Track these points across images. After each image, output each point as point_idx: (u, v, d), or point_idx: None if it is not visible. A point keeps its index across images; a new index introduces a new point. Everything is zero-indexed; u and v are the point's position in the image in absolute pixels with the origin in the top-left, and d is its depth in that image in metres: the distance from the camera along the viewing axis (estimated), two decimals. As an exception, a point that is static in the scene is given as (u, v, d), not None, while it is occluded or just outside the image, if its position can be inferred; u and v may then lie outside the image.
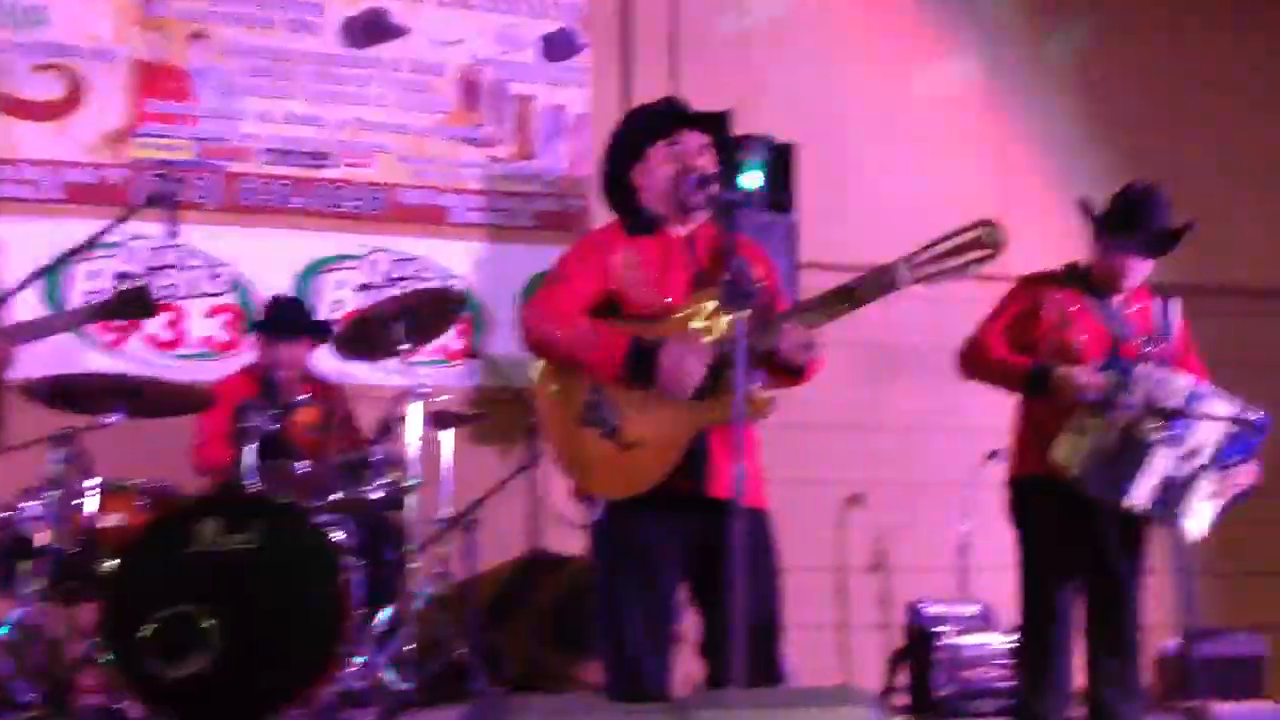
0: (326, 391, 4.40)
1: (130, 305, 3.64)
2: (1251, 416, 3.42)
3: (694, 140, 2.94)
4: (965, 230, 2.69)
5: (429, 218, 5.18)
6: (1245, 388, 3.81)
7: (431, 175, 5.20)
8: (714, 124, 3.01)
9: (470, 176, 5.24)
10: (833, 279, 2.88)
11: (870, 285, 2.72)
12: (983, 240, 2.67)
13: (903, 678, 4.63)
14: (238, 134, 5.02)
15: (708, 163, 2.93)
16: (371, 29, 5.17)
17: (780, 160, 5.03)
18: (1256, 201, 5.93)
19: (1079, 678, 3.64)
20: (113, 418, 3.77)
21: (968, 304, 5.34)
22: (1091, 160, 5.56)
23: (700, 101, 3.09)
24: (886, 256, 2.81)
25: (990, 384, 3.71)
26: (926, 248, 2.70)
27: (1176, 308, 3.67)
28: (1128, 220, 3.58)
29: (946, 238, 2.69)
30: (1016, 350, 3.63)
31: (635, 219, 2.97)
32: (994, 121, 5.83)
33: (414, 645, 3.81)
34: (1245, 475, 3.47)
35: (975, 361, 3.68)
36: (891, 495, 5.42)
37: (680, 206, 2.92)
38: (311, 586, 3.54)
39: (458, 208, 5.22)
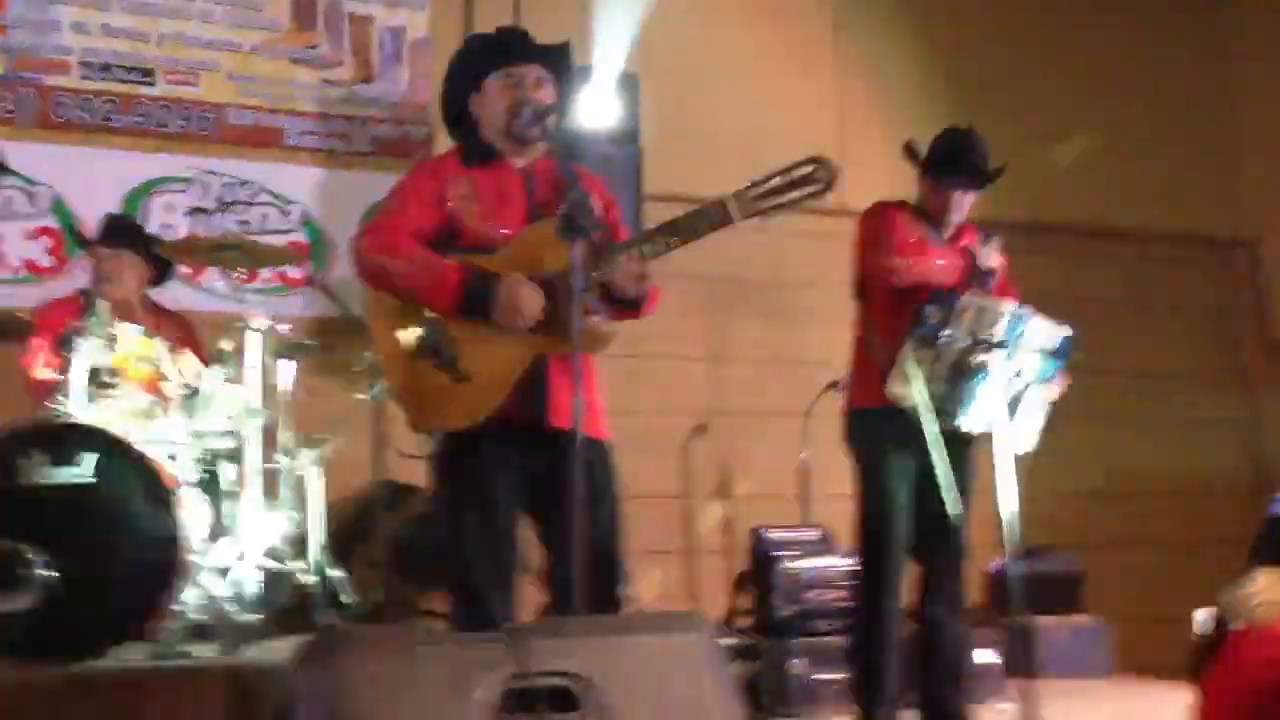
0: (161, 319, 4.22)
1: None
2: (1064, 333, 3.60)
3: (532, 72, 2.92)
4: (797, 166, 2.73)
5: (261, 139, 4.98)
6: (1089, 324, 4.00)
7: (263, 96, 4.99)
8: (553, 56, 2.97)
9: (305, 98, 5.05)
10: (678, 211, 2.90)
11: (702, 219, 2.75)
12: (814, 175, 2.71)
13: (746, 601, 4.75)
14: (51, 45, 4.72)
15: (545, 95, 2.91)
16: (201, -64, 4.92)
17: (625, 92, 4.99)
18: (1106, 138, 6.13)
19: (910, 597, 3.81)
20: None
21: (808, 238, 5.50)
22: (927, 101, 5.68)
23: (543, 29, 3.05)
24: (726, 188, 2.86)
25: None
26: (758, 183, 2.74)
27: (996, 243, 3.82)
28: (950, 158, 3.75)
29: (778, 173, 2.74)
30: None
31: (471, 149, 2.94)
32: (836, 57, 5.88)
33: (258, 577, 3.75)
34: (1059, 386, 3.65)
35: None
36: (735, 425, 5.51)
37: (517, 138, 2.90)
38: (145, 519, 3.41)
39: (292, 130, 5.03)
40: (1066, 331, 3.62)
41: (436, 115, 5.11)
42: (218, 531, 3.84)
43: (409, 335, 2.76)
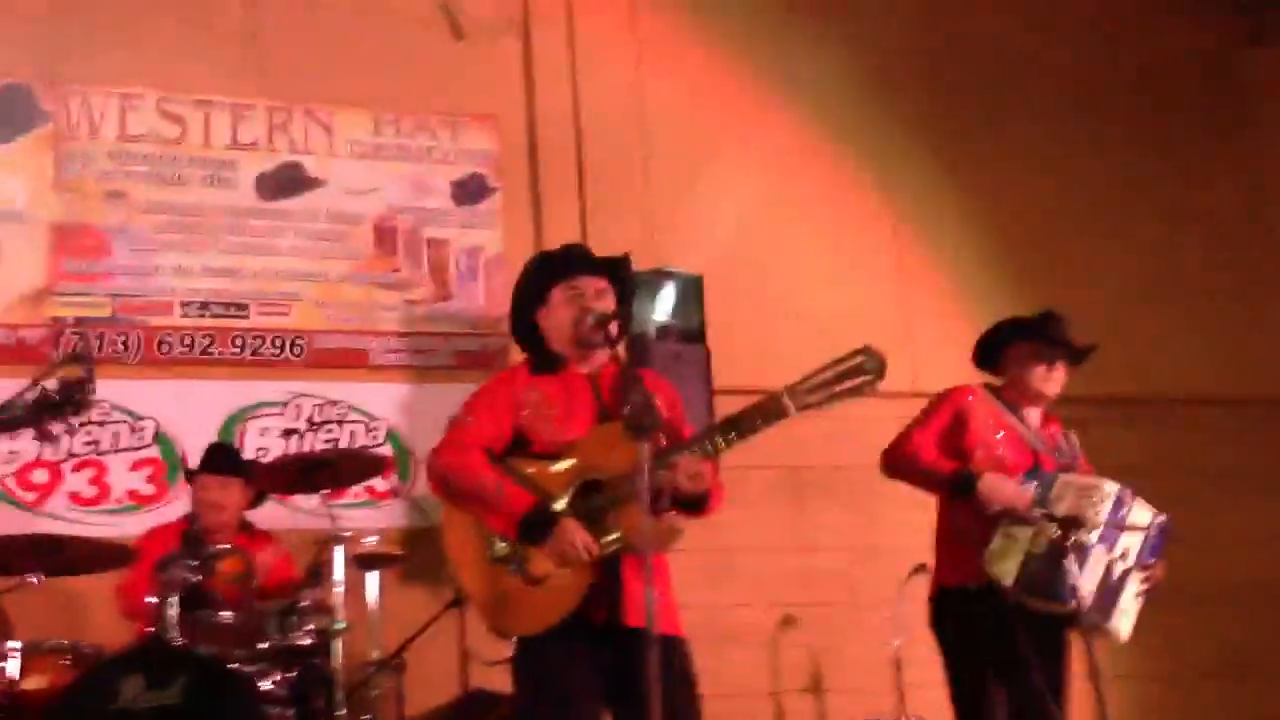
0: (255, 539, 4.37)
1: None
2: (1162, 519, 3.56)
3: (591, 283, 3.09)
4: (847, 358, 2.81)
5: (348, 361, 5.23)
6: (1177, 496, 3.95)
7: (349, 319, 5.27)
8: (612, 267, 3.15)
9: (388, 319, 5.32)
10: (745, 404, 2.98)
11: (758, 414, 2.83)
12: (863, 366, 2.79)
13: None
14: (155, 288, 5.07)
15: (606, 303, 3.07)
16: (286, 183, 5.29)
17: (690, 292, 5.18)
18: (1156, 315, 6.14)
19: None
20: (33, 578, 3.73)
21: (886, 424, 5.52)
22: (989, 276, 5.78)
23: (609, 235, 3.24)
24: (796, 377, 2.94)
25: (914, 484, 3.76)
26: (810, 376, 2.82)
27: (1075, 438, 3.81)
28: (1046, 331, 3.76)
29: (829, 366, 2.82)
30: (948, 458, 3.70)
31: (541, 359, 3.09)
32: (894, 237, 6.02)
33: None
34: (1159, 572, 3.59)
35: (902, 462, 3.73)
36: (823, 615, 5.44)
37: (581, 346, 3.05)
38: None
39: (377, 350, 5.28)
40: (1163, 517, 3.58)
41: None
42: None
43: (482, 542, 2.85)
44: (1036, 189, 6.21)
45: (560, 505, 2.88)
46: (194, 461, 4.55)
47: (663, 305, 5.07)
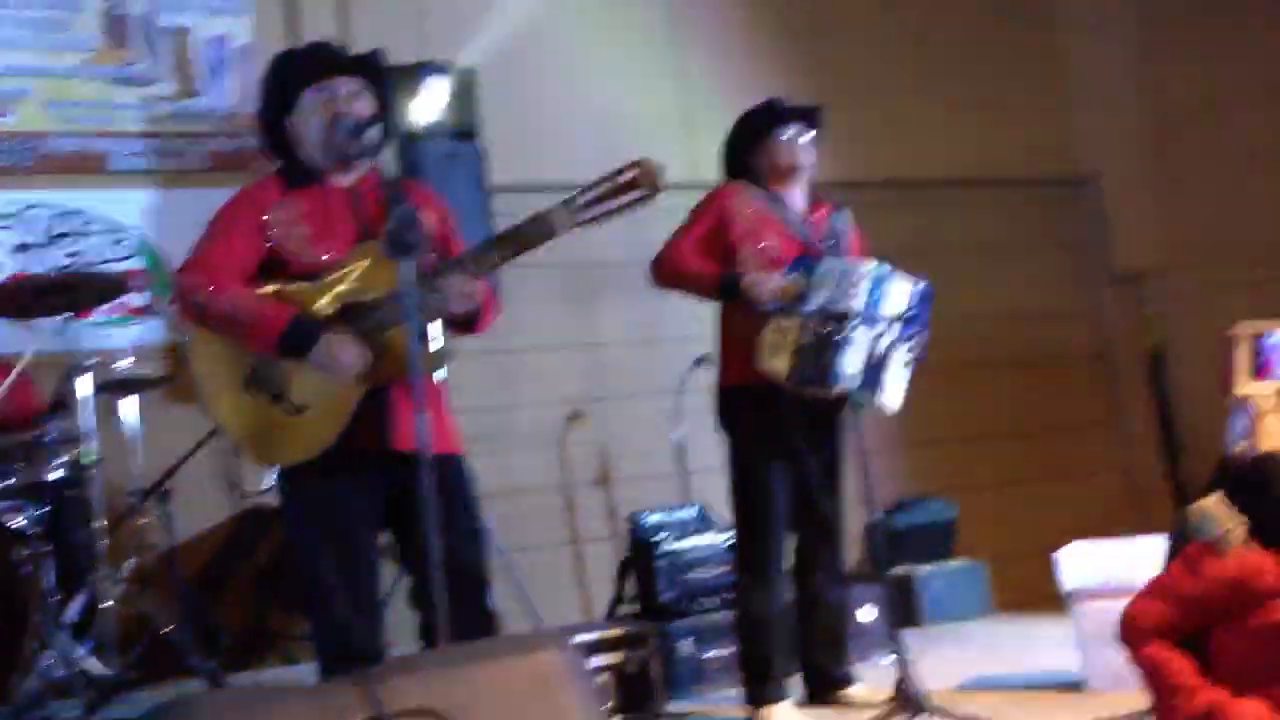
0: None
1: None
2: (922, 285, 3.66)
3: (345, 85, 2.83)
4: (621, 171, 2.71)
5: (86, 166, 4.75)
6: (943, 273, 4.07)
7: (83, 120, 4.77)
8: (367, 65, 2.89)
9: (128, 119, 4.84)
10: (524, 201, 2.85)
11: (530, 232, 2.71)
12: (638, 181, 2.70)
13: (631, 586, 4.75)
14: None
15: (362, 107, 2.83)
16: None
17: (462, 86, 4.90)
18: (926, 99, 6.24)
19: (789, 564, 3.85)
20: None
21: (667, 215, 5.48)
22: (765, 67, 5.70)
23: (375, 28, 2.98)
24: (575, 175, 2.82)
25: (685, 293, 3.83)
26: (584, 191, 2.72)
27: (847, 215, 3.86)
28: (774, 107, 3.86)
29: (603, 180, 2.72)
30: (716, 259, 3.74)
31: (293, 171, 2.85)
32: (672, 33, 5.87)
33: (113, 627, 3.61)
34: (923, 340, 3.70)
35: (668, 273, 3.80)
36: (609, 410, 5.49)
37: (337, 156, 2.82)
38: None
39: (118, 153, 4.82)
40: (923, 284, 3.67)
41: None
42: (70, 583, 3.69)
43: (238, 368, 2.69)
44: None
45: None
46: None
47: (433, 101, 4.77)
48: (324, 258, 2.75)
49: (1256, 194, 6.21)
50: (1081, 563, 3.83)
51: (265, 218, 2.77)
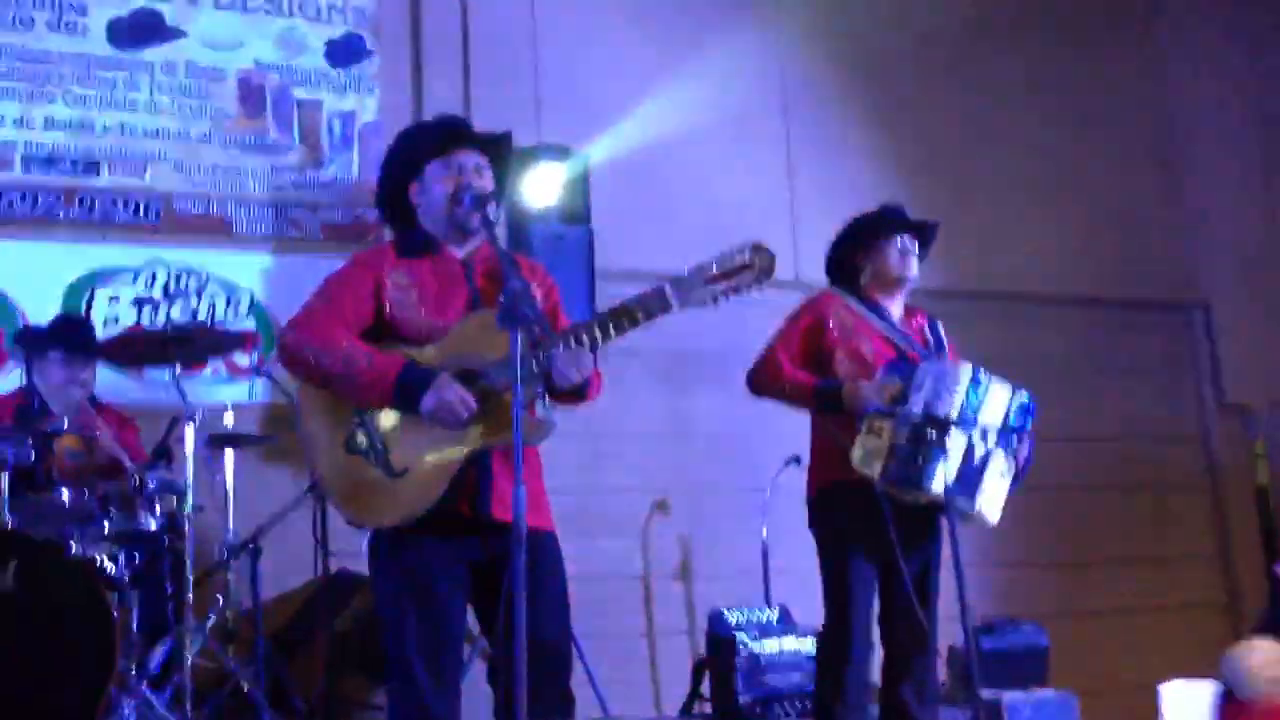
0: (100, 414, 4.13)
1: None
2: (1021, 396, 3.57)
3: (470, 158, 2.88)
4: (735, 253, 2.71)
5: (209, 228, 4.92)
6: (1046, 391, 3.99)
7: (211, 183, 4.94)
8: (493, 143, 2.94)
9: (254, 185, 5.01)
10: (629, 288, 2.86)
11: (639, 308, 2.72)
12: (751, 263, 2.70)
13: (706, 685, 4.65)
14: (-5, 140, 4.68)
15: (484, 182, 2.88)
16: (142, 31, 4.89)
17: (576, 172, 4.99)
18: (1040, 214, 6.18)
19: (877, 678, 3.73)
20: None
21: (767, 310, 5.47)
22: (878, 169, 5.71)
23: (494, 108, 3.04)
24: (681, 264, 2.82)
25: (782, 401, 3.79)
26: (696, 271, 2.72)
27: (941, 326, 3.82)
28: (887, 216, 3.81)
29: (716, 261, 2.72)
30: (811, 364, 3.71)
31: (411, 239, 2.90)
32: (785, 125, 5.92)
33: (190, 680, 3.62)
34: (1025, 451, 3.60)
35: (766, 381, 3.77)
36: (695, 503, 5.44)
37: (455, 227, 2.86)
38: (75, 626, 3.29)
39: (240, 217, 4.99)
40: (1025, 396, 3.58)
41: (388, 200, 5.14)
42: (156, 632, 3.73)
43: (340, 430, 2.70)
44: (935, 88, 6.15)
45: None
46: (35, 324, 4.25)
47: (546, 184, 4.86)
48: (436, 323, 2.78)
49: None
50: (1184, 700, 3.65)
51: (379, 282, 2.79)
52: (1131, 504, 6.07)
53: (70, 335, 4.15)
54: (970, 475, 3.49)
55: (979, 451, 3.50)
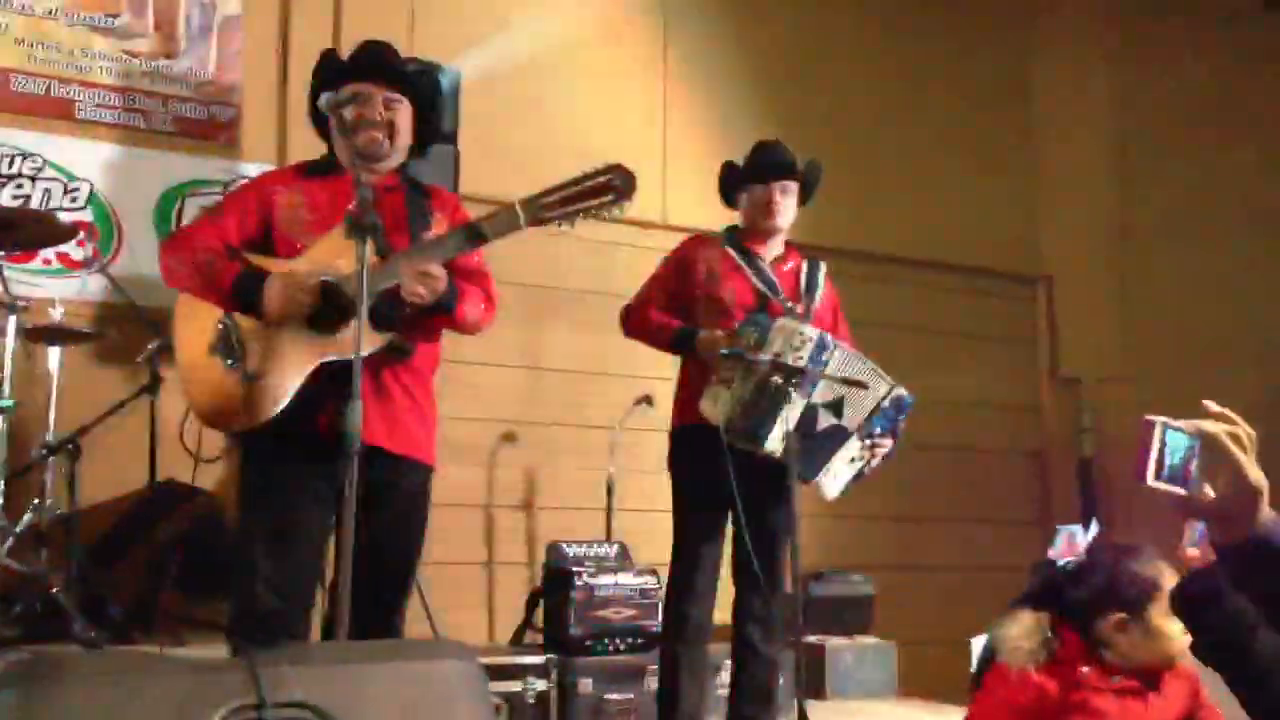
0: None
1: None
2: (900, 392, 3.60)
3: (381, 92, 2.91)
4: (595, 174, 2.69)
5: (50, 110, 4.63)
6: (893, 350, 4.07)
7: (55, 62, 4.65)
8: (411, 80, 3.00)
9: (102, 70, 4.73)
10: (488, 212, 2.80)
11: (490, 225, 2.71)
12: (611, 184, 2.67)
13: (539, 615, 4.66)
14: None
15: (397, 117, 2.92)
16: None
17: (448, 88, 4.83)
18: (904, 180, 6.28)
19: (721, 616, 3.80)
20: None
21: (629, 250, 5.45)
22: (752, 118, 5.70)
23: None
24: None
25: (650, 345, 3.86)
26: (551, 190, 2.69)
27: (823, 269, 3.84)
28: (760, 157, 3.82)
29: (574, 180, 2.69)
30: (677, 308, 3.75)
31: (319, 162, 2.96)
32: (664, 63, 5.86)
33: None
34: (885, 447, 3.66)
35: (634, 323, 3.86)
36: (544, 437, 5.42)
37: (357, 154, 2.85)
38: None
39: (86, 102, 4.71)
40: (902, 391, 3.62)
41: (244, 97, 4.91)
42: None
43: (206, 333, 2.73)
44: (815, 39, 6.16)
45: None
46: None
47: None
48: (304, 241, 2.80)
49: (1211, 317, 6.30)
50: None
51: (270, 199, 2.85)
52: (965, 467, 6.27)
53: None
54: (815, 445, 3.55)
55: (822, 420, 3.54)
